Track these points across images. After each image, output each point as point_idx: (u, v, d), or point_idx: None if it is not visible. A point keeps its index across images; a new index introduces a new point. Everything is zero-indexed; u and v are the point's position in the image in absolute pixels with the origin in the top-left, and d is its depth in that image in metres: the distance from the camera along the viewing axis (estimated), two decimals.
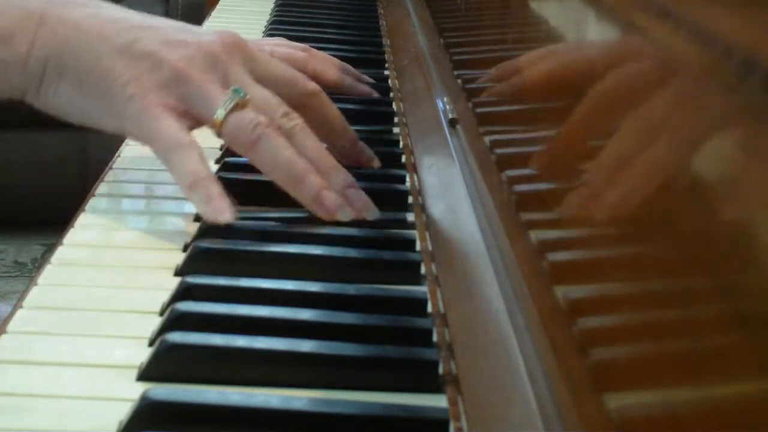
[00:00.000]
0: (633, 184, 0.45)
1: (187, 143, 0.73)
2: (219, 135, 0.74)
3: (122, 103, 0.73)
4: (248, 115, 0.73)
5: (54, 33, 0.74)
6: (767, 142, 0.33)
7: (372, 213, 0.74)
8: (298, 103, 0.78)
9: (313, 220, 0.72)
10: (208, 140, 0.77)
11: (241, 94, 0.74)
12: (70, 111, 0.75)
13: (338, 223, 0.72)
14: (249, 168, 0.75)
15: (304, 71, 0.92)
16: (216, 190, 0.71)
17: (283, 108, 0.76)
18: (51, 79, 0.74)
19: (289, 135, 0.74)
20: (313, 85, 0.81)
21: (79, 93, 0.74)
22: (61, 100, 0.75)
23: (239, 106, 0.73)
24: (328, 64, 0.97)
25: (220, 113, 0.73)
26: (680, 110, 0.41)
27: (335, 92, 0.94)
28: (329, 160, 0.75)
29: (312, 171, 0.73)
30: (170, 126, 0.73)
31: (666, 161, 0.41)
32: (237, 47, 0.77)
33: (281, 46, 0.97)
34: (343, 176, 0.75)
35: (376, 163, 0.82)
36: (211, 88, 0.74)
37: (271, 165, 0.73)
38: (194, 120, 0.74)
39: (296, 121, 0.76)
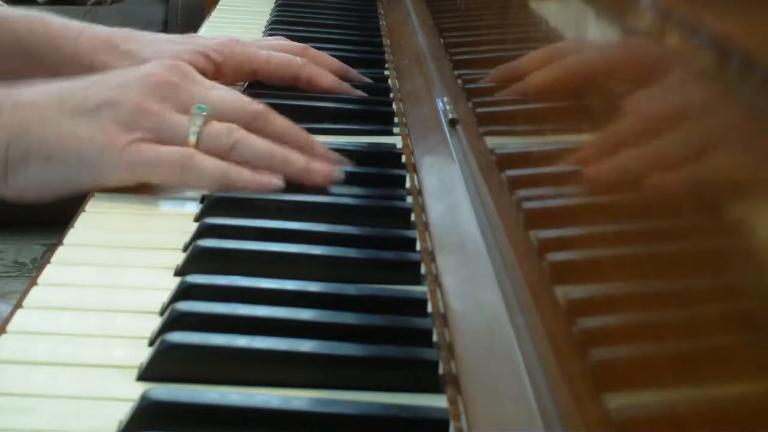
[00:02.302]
0: (633, 181, 0.45)
1: (191, 151, 0.74)
2: None
3: (98, 157, 0.74)
4: (216, 126, 0.76)
5: (11, 118, 0.74)
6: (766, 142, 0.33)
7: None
8: (246, 126, 0.78)
9: (313, 217, 0.72)
10: None
11: (205, 112, 0.76)
12: (45, 186, 0.75)
13: (338, 224, 0.72)
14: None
15: (298, 77, 0.96)
16: (247, 171, 0.75)
17: (242, 103, 0.79)
18: (16, 162, 0.74)
19: (259, 128, 0.78)
20: (255, 107, 0.80)
21: (50, 165, 0.74)
22: (33, 179, 0.74)
23: (206, 123, 0.76)
24: (323, 70, 0.98)
25: (192, 137, 0.75)
26: (680, 110, 0.41)
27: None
28: (301, 135, 0.79)
29: (292, 151, 0.77)
30: (160, 149, 0.74)
31: (665, 160, 0.42)
32: (181, 71, 0.79)
33: (278, 48, 0.98)
34: (318, 144, 0.80)
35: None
36: (172, 116, 0.76)
37: (255, 160, 0.76)
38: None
39: (260, 111, 0.79)
